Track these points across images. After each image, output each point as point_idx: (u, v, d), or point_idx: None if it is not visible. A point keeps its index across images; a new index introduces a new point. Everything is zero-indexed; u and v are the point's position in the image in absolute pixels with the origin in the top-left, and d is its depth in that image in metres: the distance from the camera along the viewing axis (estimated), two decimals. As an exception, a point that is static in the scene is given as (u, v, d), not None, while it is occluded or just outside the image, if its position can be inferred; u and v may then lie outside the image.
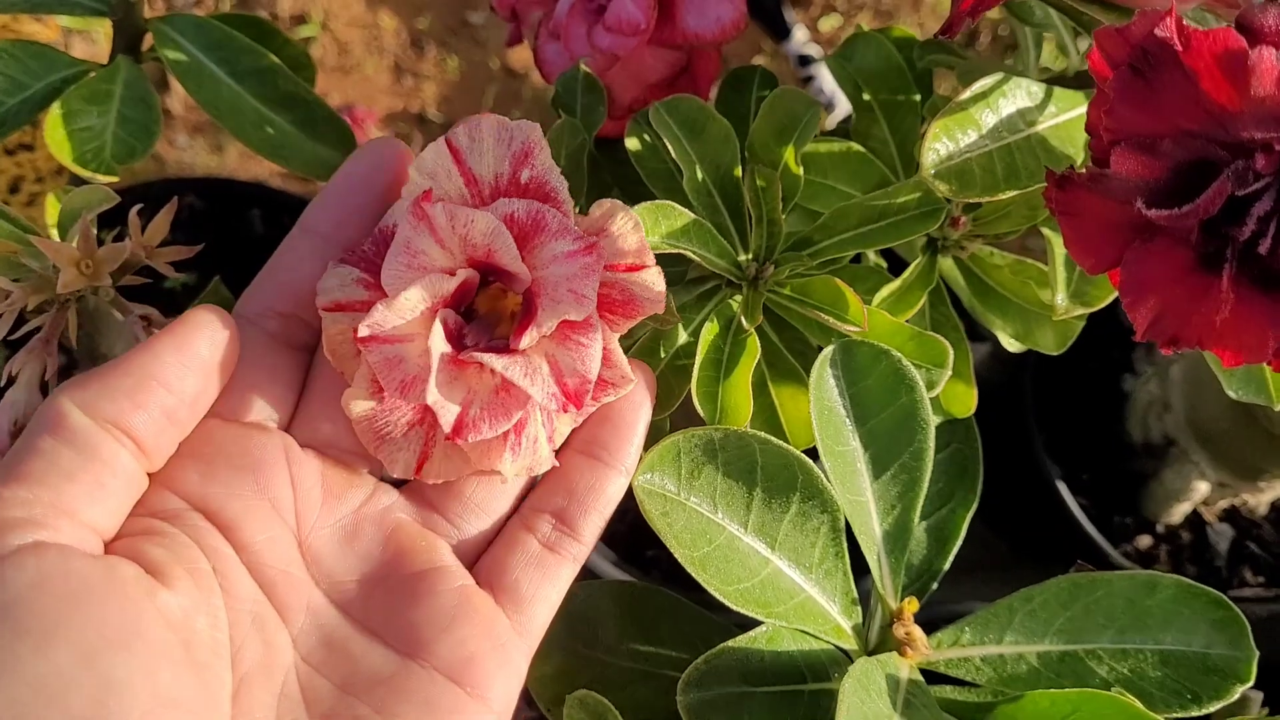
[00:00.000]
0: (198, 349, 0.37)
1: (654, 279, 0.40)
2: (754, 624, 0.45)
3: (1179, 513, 0.89)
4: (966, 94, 0.43)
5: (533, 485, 0.43)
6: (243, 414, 0.40)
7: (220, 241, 0.77)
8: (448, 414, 0.37)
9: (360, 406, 0.39)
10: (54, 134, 0.46)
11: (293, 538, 0.39)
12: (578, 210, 0.40)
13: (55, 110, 0.46)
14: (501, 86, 1.42)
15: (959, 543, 0.51)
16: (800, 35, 1.44)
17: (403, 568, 0.40)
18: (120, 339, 0.53)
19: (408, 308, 0.37)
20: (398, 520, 0.41)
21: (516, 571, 0.41)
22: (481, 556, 0.42)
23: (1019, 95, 0.44)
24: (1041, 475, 0.85)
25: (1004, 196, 0.42)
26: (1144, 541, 0.88)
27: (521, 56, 1.42)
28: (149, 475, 0.37)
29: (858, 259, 0.54)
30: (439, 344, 0.37)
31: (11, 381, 0.40)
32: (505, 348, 0.39)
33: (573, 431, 0.42)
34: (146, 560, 0.35)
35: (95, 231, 0.40)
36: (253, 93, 0.48)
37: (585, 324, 0.38)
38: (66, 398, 0.35)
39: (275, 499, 0.39)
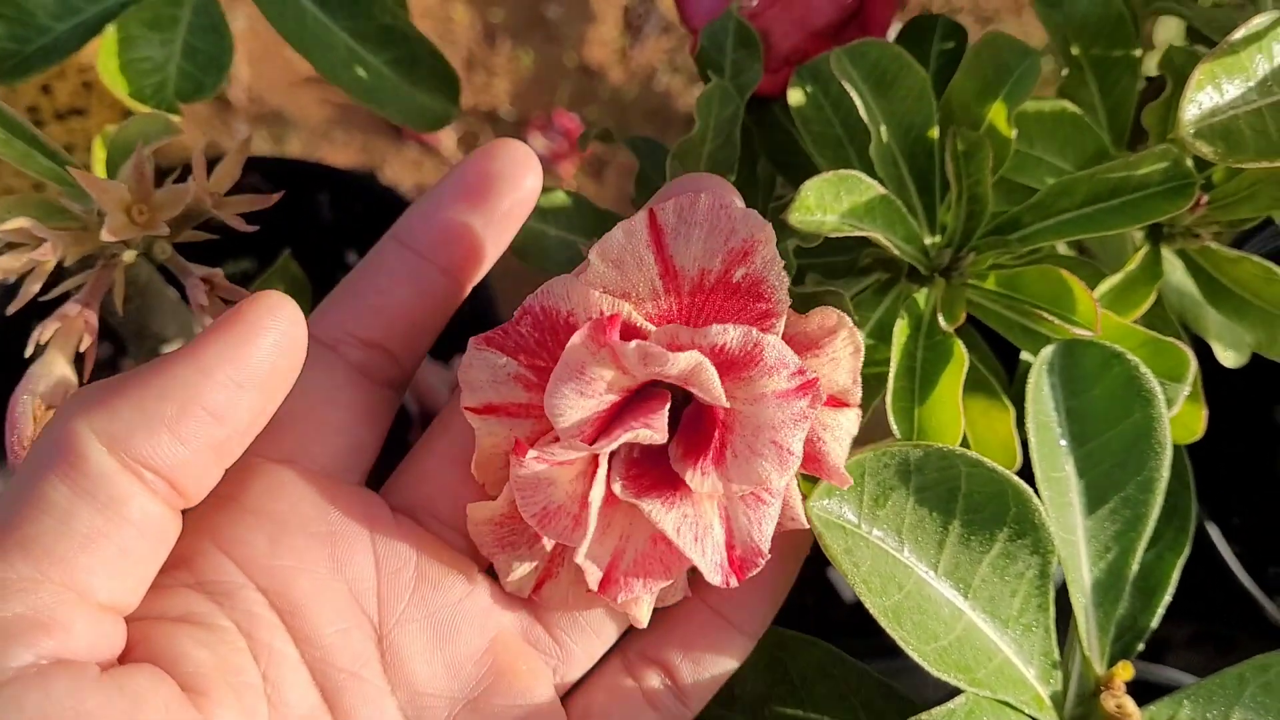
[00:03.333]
0: (258, 360, 0.28)
1: (851, 425, 0.32)
2: (904, 675, 0.39)
3: (1342, 565, 0.79)
4: (1240, 33, 0.34)
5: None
6: (320, 463, 0.32)
7: (285, 226, 0.69)
8: (594, 571, 0.31)
9: (486, 515, 0.32)
10: (107, 63, 0.38)
11: (371, 631, 0.32)
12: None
13: (110, 34, 0.38)
14: (576, 85, 1.35)
15: (1168, 595, 0.42)
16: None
17: (498, 694, 0.33)
18: (174, 318, 0.45)
19: (595, 450, 0.30)
20: (500, 627, 0.34)
21: None
22: (579, 691, 0.35)
23: (1294, 42, 0.36)
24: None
25: (1281, 164, 0.34)
26: (1303, 596, 0.78)
27: (597, 54, 1.35)
28: (184, 514, 0.30)
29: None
30: (599, 495, 0.30)
31: (39, 352, 0.32)
32: (664, 465, 0.31)
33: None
34: (184, 669, 0.28)
35: (152, 169, 0.32)
36: (343, 25, 0.40)
37: None
38: (85, 423, 0.27)
39: (355, 580, 0.32)
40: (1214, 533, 0.75)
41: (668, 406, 0.30)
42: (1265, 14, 0.35)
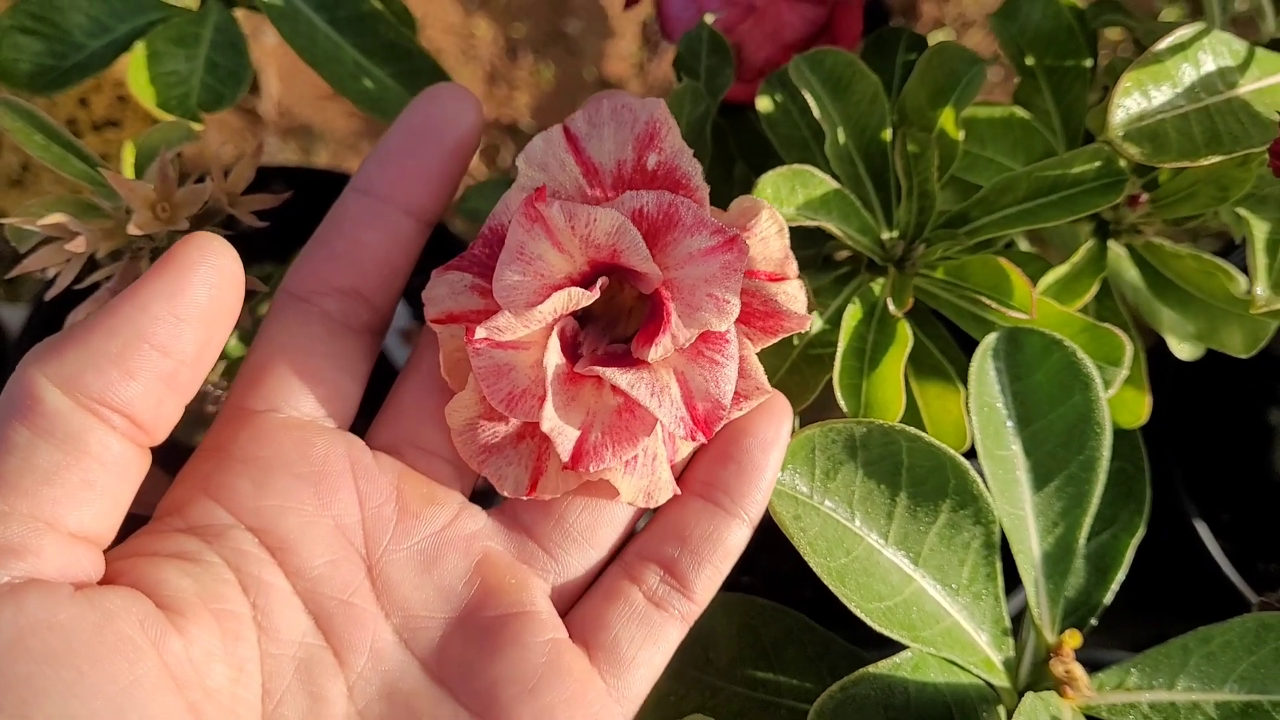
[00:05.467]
0: (194, 295, 0.30)
1: (797, 292, 0.34)
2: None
3: (1330, 562, 0.80)
4: (1164, 43, 0.37)
5: (640, 517, 0.38)
6: (301, 410, 0.34)
7: (306, 230, 0.73)
8: (565, 441, 0.32)
9: (463, 417, 0.34)
10: (137, 76, 0.42)
11: (360, 562, 0.34)
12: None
13: (139, 50, 0.42)
14: (596, 98, 1.38)
15: (1122, 573, 0.45)
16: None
17: (487, 608, 0.34)
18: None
19: (537, 320, 0.32)
20: (485, 549, 0.35)
21: (617, 628, 0.35)
22: (577, 604, 0.36)
23: (1221, 51, 0.39)
24: (1179, 514, 0.77)
25: (1204, 163, 0.36)
26: (1291, 592, 0.79)
27: (616, 68, 1.39)
28: (151, 450, 0.32)
29: (1008, 245, 0.48)
30: (554, 359, 0.32)
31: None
32: (627, 356, 0.33)
33: (691, 464, 0.36)
34: (164, 592, 0.30)
35: (175, 171, 0.35)
36: (352, 41, 0.44)
37: (722, 338, 0.33)
38: (38, 370, 0.29)
39: (339, 516, 0.34)
40: (1203, 530, 0.77)
41: (602, 282, 0.33)
42: (1188, 27, 0.37)
